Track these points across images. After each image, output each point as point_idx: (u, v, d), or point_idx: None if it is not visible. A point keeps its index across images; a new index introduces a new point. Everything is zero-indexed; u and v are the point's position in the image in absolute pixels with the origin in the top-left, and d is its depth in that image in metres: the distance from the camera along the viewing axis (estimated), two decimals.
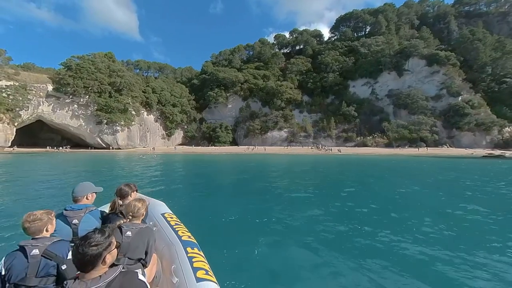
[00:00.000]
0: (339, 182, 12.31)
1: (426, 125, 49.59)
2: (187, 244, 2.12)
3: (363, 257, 3.69)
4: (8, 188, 9.40)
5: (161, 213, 2.74)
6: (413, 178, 13.17)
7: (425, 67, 56.03)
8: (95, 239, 1.17)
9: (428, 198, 8.12)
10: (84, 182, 2.15)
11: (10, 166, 18.29)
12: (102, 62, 49.29)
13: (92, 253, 1.14)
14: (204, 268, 1.81)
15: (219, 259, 3.49)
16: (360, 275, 3.25)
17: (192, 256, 1.94)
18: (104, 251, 1.18)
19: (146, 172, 15.41)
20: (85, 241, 1.16)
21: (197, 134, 65.46)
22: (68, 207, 1.98)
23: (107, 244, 1.20)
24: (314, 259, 3.71)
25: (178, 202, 7.22)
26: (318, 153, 44.71)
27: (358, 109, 58.74)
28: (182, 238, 2.22)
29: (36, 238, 1.51)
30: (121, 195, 2.33)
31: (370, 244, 4.18)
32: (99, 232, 1.22)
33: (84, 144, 50.40)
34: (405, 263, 3.59)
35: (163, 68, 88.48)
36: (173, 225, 2.47)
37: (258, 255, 3.80)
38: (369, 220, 5.51)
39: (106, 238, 1.22)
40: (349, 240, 4.42)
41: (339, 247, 4.09)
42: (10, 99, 37.82)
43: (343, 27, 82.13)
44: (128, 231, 1.74)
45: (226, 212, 6.04)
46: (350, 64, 65.66)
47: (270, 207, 6.65)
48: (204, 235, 3.99)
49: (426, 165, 21.29)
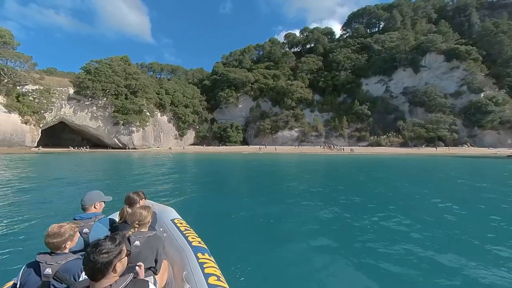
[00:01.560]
0: (360, 184, 11.34)
1: (445, 123, 47.38)
2: (198, 249, 2.12)
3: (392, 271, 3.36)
4: (44, 186, 10.17)
5: (170, 219, 2.75)
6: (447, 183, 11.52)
7: (444, 62, 53.51)
8: (106, 247, 1.16)
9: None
10: (92, 191, 2.19)
11: (44, 164, 19.67)
12: (119, 66, 51.39)
13: (103, 261, 1.12)
14: (216, 274, 1.80)
15: (230, 264, 3.32)
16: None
17: (203, 262, 1.94)
18: (115, 258, 1.17)
19: (162, 170, 16.01)
20: (96, 249, 1.14)
21: (209, 134, 66.59)
22: (77, 216, 2.01)
23: (117, 252, 1.19)
24: (333, 268, 3.42)
25: (186, 201, 7.52)
26: (330, 152, 44.08)
27: (371, 108, 57.18)
28: (192, 243, 2.21)
29: (53, 255, 1.49)
30: (129, 203, 2.35)
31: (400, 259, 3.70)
32: (110, 240, 1.21)
33: (102, 144, 52.81)
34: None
35: (175, 70, 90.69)
36: (183, 230, 2.48)
37: (270, 260, 3.66)
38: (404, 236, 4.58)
39: (116, 245, 1.20)
40: (375, 250, 3.98)
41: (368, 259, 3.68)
42: (36, 102, 40.38)
43: (355, 24, 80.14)
44: (136, 240, 1.72)
45: (237, 214, 6.01)
46: (362, 61, 64.02)
47: (285, 210, 6.67)
48: (215, 238, 4.04)
49: (455, 166, 20.02)
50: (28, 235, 4.42)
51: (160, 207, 3.15)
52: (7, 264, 3.35)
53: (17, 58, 38.39)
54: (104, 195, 2.23)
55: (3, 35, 38.21)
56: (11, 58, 37.57)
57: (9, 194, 8.06)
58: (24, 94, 39.20)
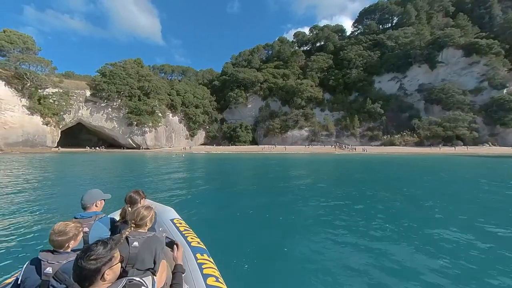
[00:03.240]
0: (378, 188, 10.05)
1: (464, 121, 45.20)
2: (197, 250, 2.11)
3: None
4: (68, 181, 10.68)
5: (170, 219, 2.74)
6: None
7: (462, 57, 51.09)
8: (95, 252, 1.09)
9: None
10: (92, 190, 2.14)
11: (66, 162, 20.67)
12: (132, 68, 52.95)
13: (90, 268, 1.05)
14: (214, 275, 1.79)
15: (229, 264, 3.26)
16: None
17: (202, 262, 1.93)
18: (104, 266, 1.09)
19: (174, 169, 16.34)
20: (84, 254, 1.08)
21: (218, 134, 67.27)
22: (77, 215, 1.96)
23: (107, 259, 1.11)
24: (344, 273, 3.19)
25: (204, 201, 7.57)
26: (342, 152, 43.28)
27: (384, 106, 55.59)
28: (191, 244, 2.20)
29: (56, 253, 1.47)
30: (130, 202, 2.30)
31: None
32: (102, 244, 1.14)
33: (117, 144, 54.62)
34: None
35: (186, 71, 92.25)
36: (182, 231, 2.47)
37: (269, 260, 3.58)
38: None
39: (107, 251, 1.12)
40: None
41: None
42: (55, 104, 42.41)
43: (367, 20, 78.06)
44: (135, 241, 1.69)
45: (241, 213, 5.95)
46: (375, 58, 62.33)
47: (292, 212, 6.63)
48: (223, 238, 4.07)
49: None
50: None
51: (160, 207, 3.15)
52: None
53: (39, 62, 40.43)
54: (103, 193, 2.18)
55: (26, 41, 40.39)
56: (33, 63, 39.64)
57: (40, 189, 8.53)
58: (45, 96, 41.26)
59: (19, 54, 38.84)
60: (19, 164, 18.29)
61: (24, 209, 6.16)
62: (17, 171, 14.10)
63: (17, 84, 37.47)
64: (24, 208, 6.24)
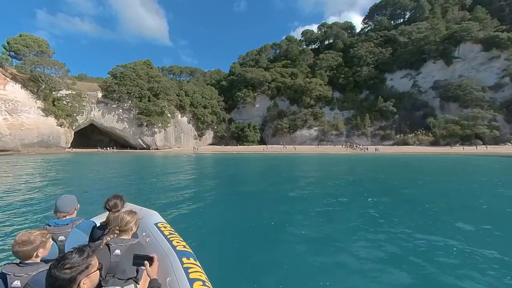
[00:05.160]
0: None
1: (484, 119, 42.93)
2: (183, 254, 2.03)
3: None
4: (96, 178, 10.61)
5: (154, 223, 2.63)
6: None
7: (481, 52, 48.66)
8: (70, 261, 1.02)
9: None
10: (66, 195, 2.04)
11: (82, 163, 20.95)
12: (142, 69, 53.63)
13: (64, 277, 0.98)
14: (201, 279, 1.74)
15: (221, 267, 3.26)
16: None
17: (188, 266, 1.86)
18: (79, 275, 1.02)
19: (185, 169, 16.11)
20: (58, 263, 1.01)
21: (226, 134, 67.25)
22: (51, 223, 1.82)
23: (83, 267, 1.04)
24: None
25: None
26: (353, 152, 42.11)
27: (397, 104, 53.81)
28: (177, 248, 2.12)
29: (22, 265, 1.35)
30: (111, 207, 2.19)
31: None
32: (77, 252, 1.07)
33: (128, 145, 55.52)
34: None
35: (194, 72, 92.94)
36: (167, 235, 2.37)
37: (256, 264, 3.51)
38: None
39: (83, 259, 1.05)
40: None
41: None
42: (69, 106, 43.46)
43: (378, 16, 76.02)
44: (117, 249, 1.58)
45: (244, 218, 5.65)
46: (387, 55, 60.40)
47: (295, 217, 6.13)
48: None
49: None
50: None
51: (143, 211, 3.03)
52: None
53: (53, 65, 41.50)
54: (76, 199, 2.08)
55: (40, 44, 41.58)
56: (47, 66, 40.72)
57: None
58: (59, 98, 42.33)
59: (34, 57, 40.00)
60: (42, 165, 18.61)
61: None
62: (46, 171, 14.25)
63: (33, 86, 38.59)
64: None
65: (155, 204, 6.68)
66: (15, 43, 38.54)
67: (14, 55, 39.15)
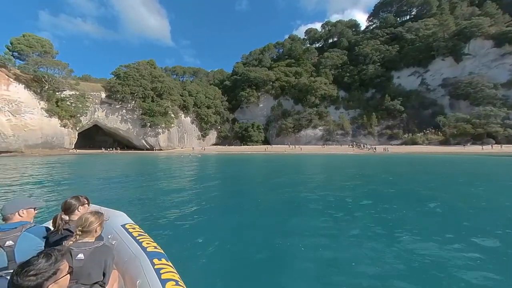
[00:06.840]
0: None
1: (497, 117, 41.55)
2: (154, 255, 1.93)
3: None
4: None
5: (121, 225, 2.45)
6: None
7: (493, 48, 47.23)
8: (36, 267, 0.93)
9: None
10: (16, 197, 1.69)
11: (84, 164, 20.41)
12: (145, 69, 53.21)
13: (29, 285, 0.90)
14: (174, 279, 1.67)
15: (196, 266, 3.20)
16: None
17: (160, 267, 1.77)
18: (46, 281, 0.93)
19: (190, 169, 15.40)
20: (21, 269, 0.93)
21: (230, 134, 66.62)
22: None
23: (51, 273, 0.95)
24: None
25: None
26: (361, 152, 41.07)
27: (404, 103, 52.61)
28: (147, 249, 2.01)
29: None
30: (65, 209, 1.98)
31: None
32: (44, 257, 0.98)
33: (131, 145, 55.15)
34: None
35: (197, 72, 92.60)
36: (136, 236, 2.24)
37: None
38: None
39: (51, 264, 0.96)
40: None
41: None
42: (73, 107, 43.14)
43: (383, 13, 74.74)
44: (80, 253, 1.48)
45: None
46: (393, 53, 59.21)
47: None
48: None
49: None
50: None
51: (109, 212, 2.80)
52: None
53: (56, 65, 41.21)
54: (33, 201, 1.90)
55: (44, 45, 41.33)
56: (51, 66, 40.45)
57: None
58: (62, 99, 42.01)
59: (38, 57, 39.74)
60: (43, 166, 18.09)
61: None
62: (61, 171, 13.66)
63: (36, 87, 38.30)
64: None
65: (162, 206, 6.01)
66: (18, 44, 38.31)
67: (17, 56, 38.88)
